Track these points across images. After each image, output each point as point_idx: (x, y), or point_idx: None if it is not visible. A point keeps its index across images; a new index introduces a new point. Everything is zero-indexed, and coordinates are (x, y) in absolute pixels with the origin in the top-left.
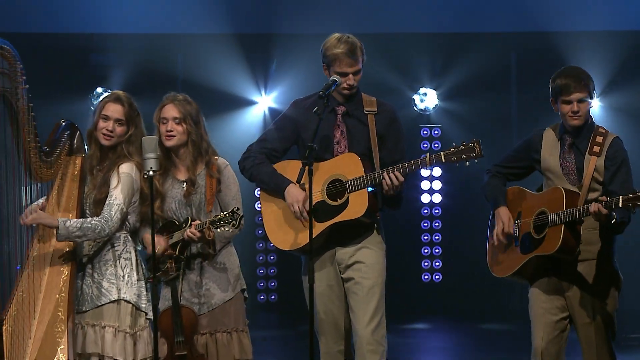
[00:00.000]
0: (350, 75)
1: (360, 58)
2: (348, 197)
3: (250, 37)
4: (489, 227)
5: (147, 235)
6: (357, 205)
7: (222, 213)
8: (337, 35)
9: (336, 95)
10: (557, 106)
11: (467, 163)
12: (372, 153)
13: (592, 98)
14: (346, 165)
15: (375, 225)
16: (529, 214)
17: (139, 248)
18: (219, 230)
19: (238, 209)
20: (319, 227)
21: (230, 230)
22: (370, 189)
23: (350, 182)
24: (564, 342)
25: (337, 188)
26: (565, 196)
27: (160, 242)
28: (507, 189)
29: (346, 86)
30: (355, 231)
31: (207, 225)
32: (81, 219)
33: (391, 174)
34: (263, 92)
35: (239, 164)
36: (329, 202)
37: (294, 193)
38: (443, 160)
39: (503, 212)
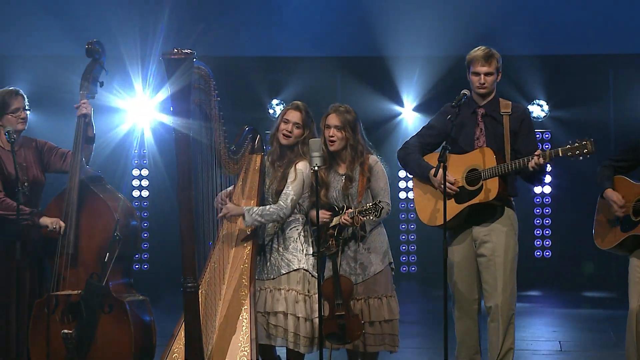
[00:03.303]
0: (482, 75)
1: (494, 64)
2: (482, 184)
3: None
4: (597, 207)
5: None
6: (489, 190)
7: (368, 204)
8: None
9: (477, 99)
10: None
11: (581, 158)
12: (505, 148)
13: None
14: (482, 157)
15: (507, 208)
16: (630, 199)
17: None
18: (365, 218)
19: (380, 201)
20: (457, 208)
21: (374, 219)
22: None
23: (485, 171)
24: None
25: (474, 176)
26: None
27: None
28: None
29: (478, 85)
30: (489, 213)
31: (356, 214)
32: (261, 207)
33: (532, 160)
34: (406, 103)
35: (397, 154)
36: (467, 187)
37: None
38: (560, 154)
39: (610, 193)
